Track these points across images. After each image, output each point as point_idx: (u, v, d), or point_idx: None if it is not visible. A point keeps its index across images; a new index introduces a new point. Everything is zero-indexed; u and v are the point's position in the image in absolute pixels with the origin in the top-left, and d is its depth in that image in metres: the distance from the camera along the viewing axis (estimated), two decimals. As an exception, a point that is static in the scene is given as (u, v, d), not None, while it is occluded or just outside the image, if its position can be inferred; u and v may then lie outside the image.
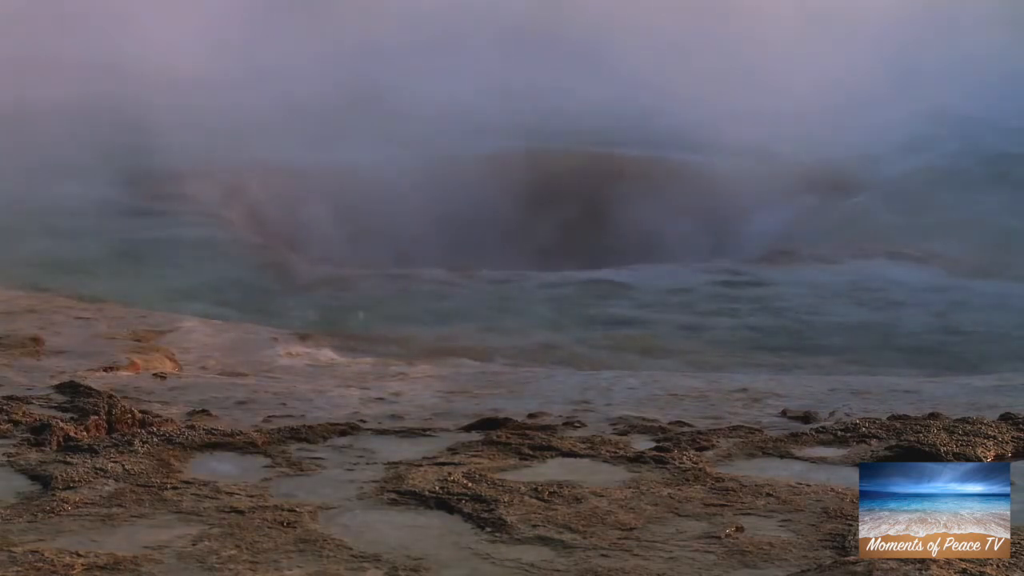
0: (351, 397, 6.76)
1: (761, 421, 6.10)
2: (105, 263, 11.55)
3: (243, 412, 6.18)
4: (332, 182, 15.76)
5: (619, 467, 4.72)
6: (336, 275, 12.28)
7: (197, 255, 12.06)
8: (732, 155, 16.72)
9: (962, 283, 12.31)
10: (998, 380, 7.45)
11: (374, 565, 3.59)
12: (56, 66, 18.94)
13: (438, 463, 4.69)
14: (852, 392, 7.10)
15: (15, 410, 5.36)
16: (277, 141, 16.35)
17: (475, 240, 15.74)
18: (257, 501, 4.16)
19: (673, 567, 3.60)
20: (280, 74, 20.00)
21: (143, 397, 6.42)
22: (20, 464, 4.55)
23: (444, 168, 16.49)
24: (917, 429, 5.14)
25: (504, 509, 4.07)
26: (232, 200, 14.64)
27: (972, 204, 15.22)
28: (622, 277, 12.55)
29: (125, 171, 14.81)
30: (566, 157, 17.47)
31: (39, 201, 13.26)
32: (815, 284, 12.23)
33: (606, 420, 6.07)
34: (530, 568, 3.60)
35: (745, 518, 4.03)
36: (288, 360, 8.10)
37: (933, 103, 19.79)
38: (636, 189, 16.47)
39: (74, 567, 3.50)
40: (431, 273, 12.46)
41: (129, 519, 3.96)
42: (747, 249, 14.70)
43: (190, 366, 7.69)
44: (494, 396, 6.93)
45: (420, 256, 14.50)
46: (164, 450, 4.76)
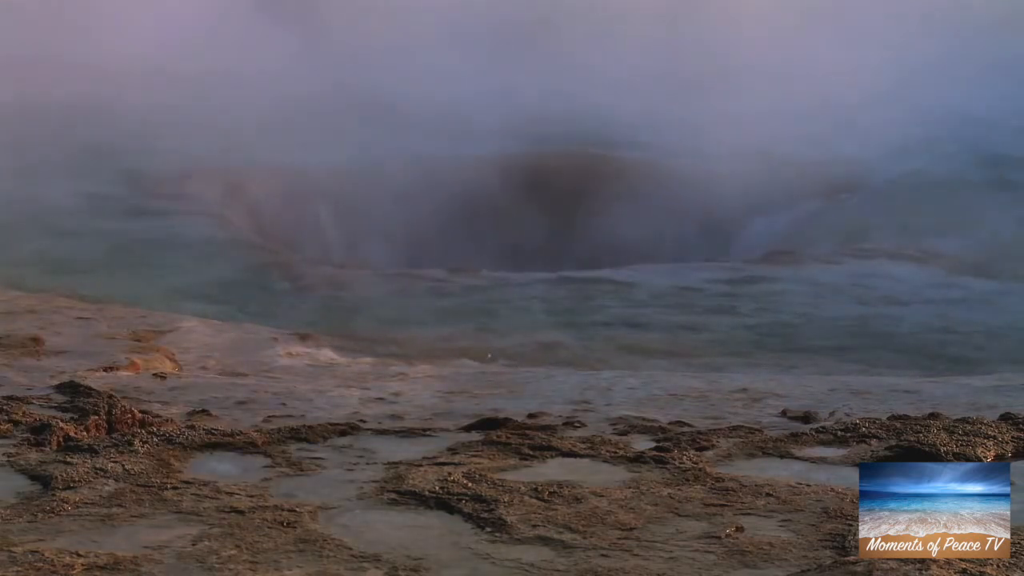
0: (351, 397, 6.77)
1: (761, 421, 6.10)
2: (105, 263, 11.56)
3: (243, 412, 6.18)
4: (332, 183, 15.77)
5: (619, 467, 4.72)
6: (336, 275, 12.28)
7: (197, 255, 12.07)
8: (733, 156, 16.72)
9: (962, 283, 12.32)
10: (998, 380, 7.45)
11: (374, 565, 3.59)
12: (56, 66, 18.94)
13: (438, 463, 4.69)
14: (852, 392, 7.10)
15: (15, 410, 5.36)
16: (276, 141, 16.35)
17: (475, 241, 15.74)
18: (257, 501, 4.16)
19: (673, 567, 3.60)
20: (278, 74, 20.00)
21: (143, 397, 6.42)
22: (20, 464, 4.55)
23: (444, 169, 16.49)
24: (917, 429, 5.14)
25: (504, 509, 4.07)
26: (232, 200, 14.65)
27: (971, 204, 15.23)
28: (622, 277, 12.55)
29: (125, 171, 14.82)
30: (562, 157, 17.48)
31: (39, 201, 13.26)
32: (815, 284, 12.24)
33: (606, 420, 6.07)
34: (530, 568, 3.59)
35: (745, 518, 4.03)
36: (288, 360, 8.10)
37: (933, 103, 19.79)
38: (638, 189, 16.48)
39: (74, 567, 3.50)
40: (430, 273, 12.46)
41: (129, 519, 3.96)
42: (747, 249, 14.71)
43: (190, 366, 7.70)
44: (494, 396, 6.94)
45: (420, 257, 14.51)
46: (164, 450, 4.76)
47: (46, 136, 15.81)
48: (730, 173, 16.22)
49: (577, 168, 17.24)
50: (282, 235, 14.56)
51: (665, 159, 17.17)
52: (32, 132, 15.84)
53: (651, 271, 12.95)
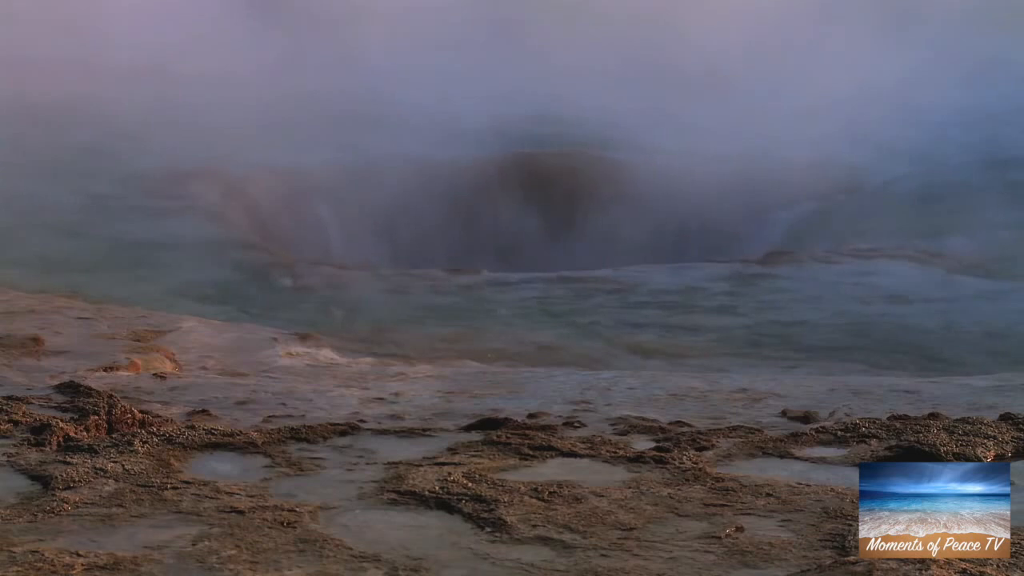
0: (351, 397, 6.77)
1: (761, 421, 6.10)
2: (105, 263, 11.56)
3: (243, 412, 6.18)
4: (332, 183, 15.77)
5: (619, 467, 4.72)
6: (336, 275, 12.29)
7: (197, 255, 12.07)
8: (733, 157, 16.72)
9: (962, 282, 12.32)
10: (998, 380, 7.45)
11: (374, 565, 3.59)
12: (55, 66, 18.94)
13: (438, 463, 4.69)
14: (852, 392, 7.09)
15: (15, 410, 5.36)
16: (276, 142, 16.35)
17: (475, 241, 15.75)
18: (257, 501, 4.15)
19: (673, 567, 3.60)
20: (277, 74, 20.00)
21: (143, 397, 6.42)
22: (20, 464, 4.55)
23: (442, 169, 16.49)
24: (917, 429, 5.14)
25: (504, 509, 4.06)
26: (232, 200, 14.64)
27: (974, 204, 15.23)
28: (622, 276, 12.56)
29: (125, 171, 14.81)
30: (560, 157, 17.48)
31: (39, 201, 13.26)
32: (815, 284, 12.24)
33: (606, 420, 6.07)
34: (530, 568, 3.59)
35: (745, 518, 4.03)
36: (288, 360, 8.10)
37: (934, 103, 19.79)
38: (638, 190, 16.48)
39: (74, 567, 3.50)
40: (430, 273, 12.47)
41: (129, 519, 3.95)
42: (747, 250, 14.72)
43: (190, 366, 7.69)
44: (494, 396, 6.94)
45: (419, 257, 14.52)
46: (164, 450, 4.76)
47: (46, 136, 15.80)
48: (730, 174, 16.22)
49: (576, 169, 17.24)
50: (282, 235, 14.56)
51: (664, 160, 17.16)
52: (32, 132, 15.84)
53: (651, 271, 12.96)
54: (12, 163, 14.34)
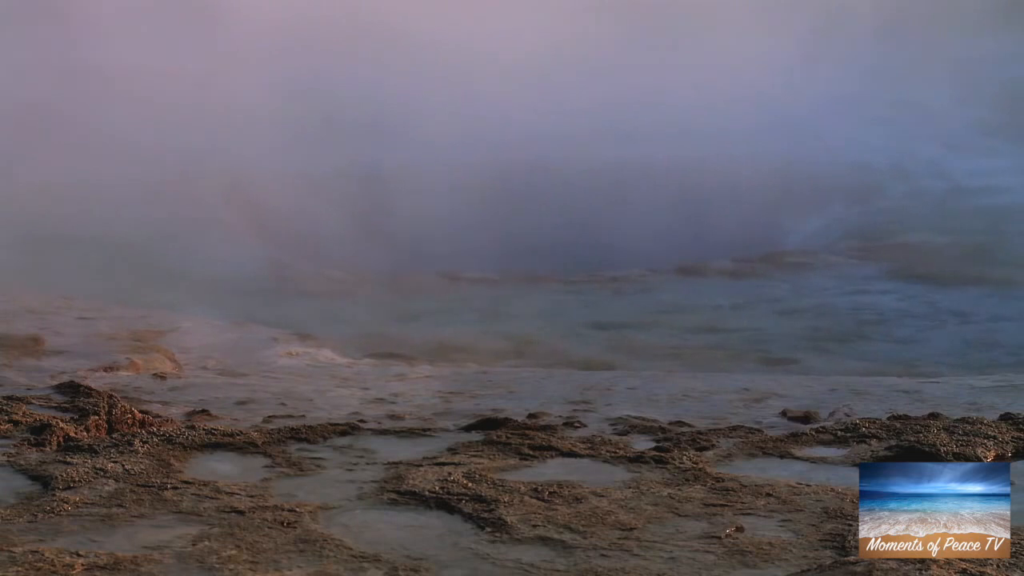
0: (351, 397, 6.77)
1: (761, 421, 6.10)
2: (105, 263, 11.55)
3: (243, 412, 6.18)
4: (333, 183, 15.76)
5: (619, 467, 4.72)
6: (336, 276, 12.28)
7: (198, 255, 12.06)
8: (733, 158, 16.71)
9: (960, 285, 12.32)
10: (998, 380, 7.45)
11: (374, 565, 3.59)
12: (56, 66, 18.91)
13: (438, 463, 4.69)
14: (852, 392, 7.09)
15: (15, 410, 5.36)
16: (276, 142, 16.33)
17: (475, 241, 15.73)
18: (257, 501, 4.16)
19: (673, 567, 3.60)
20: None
21: (143, 397, 6.42)
22: (20, 464, 4.55)
23: (445, 169, 16.49)
24: (917, 429, 5.15)
25: (504, 509, 4.07)
26: (232, 200, 14.64)
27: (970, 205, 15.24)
28: (623, 277, 12.55)
29: (125, 171, 14.79)
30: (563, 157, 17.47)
31: (39, 200, 13.24)
32: (815, 285, 12.24)
33: (606, 420, 6.07)
34: (530, 568, 3.59)
35: (745, 518, 4.03)
36: (288, 360, 8.10)
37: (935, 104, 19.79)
38: (639, 191, 16.47)
39: (74, 567, 3.50)
40: (431, 273, 12.46)
41: (129, 519, 3.96)
42: (748, 250, 14.70)
43: (190, 366, 7.69)
44: (494, 396, 6.94)
45: (420, 258, 14.50)
46: (164, 450, 4.76)
47: (46, 136, 15.78)
48: (733, 175, 16.22)
49: (578, 168, 17.23)
50: (283, 235, 14.54)
51: (671, 160, 17.16)
52: (32, 132, 15.82)
53: (652, 272, 12.95)
54: (12, 163, 14.32)
